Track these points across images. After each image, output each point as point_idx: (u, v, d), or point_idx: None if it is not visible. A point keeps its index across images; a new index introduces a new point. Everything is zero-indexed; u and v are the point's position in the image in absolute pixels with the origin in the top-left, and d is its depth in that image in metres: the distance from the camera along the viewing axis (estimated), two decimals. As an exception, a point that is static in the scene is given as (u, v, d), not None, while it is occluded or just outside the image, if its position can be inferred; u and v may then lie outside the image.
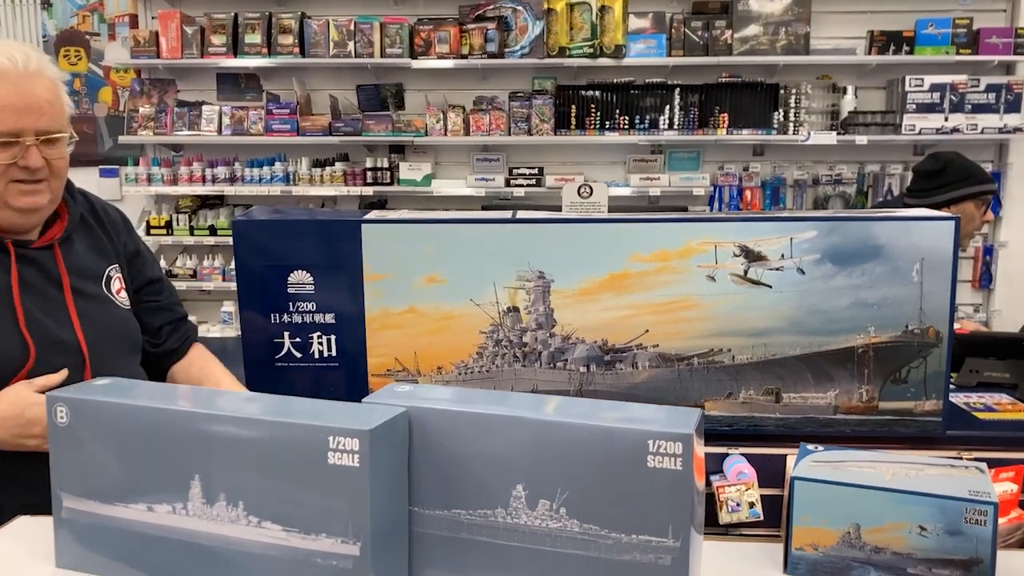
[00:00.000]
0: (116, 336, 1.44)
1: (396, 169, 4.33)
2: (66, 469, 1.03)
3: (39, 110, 1.28)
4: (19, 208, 1.32)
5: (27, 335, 1.31)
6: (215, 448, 0.95)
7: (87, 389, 1.04)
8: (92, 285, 1.44)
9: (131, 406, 0.99)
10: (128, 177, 4.29)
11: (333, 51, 4.22)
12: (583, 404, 0.98)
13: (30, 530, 1.13)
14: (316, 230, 1.70)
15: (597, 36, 4.15)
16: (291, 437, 0.92)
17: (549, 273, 1.66)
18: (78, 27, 4.58)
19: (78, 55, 4.60)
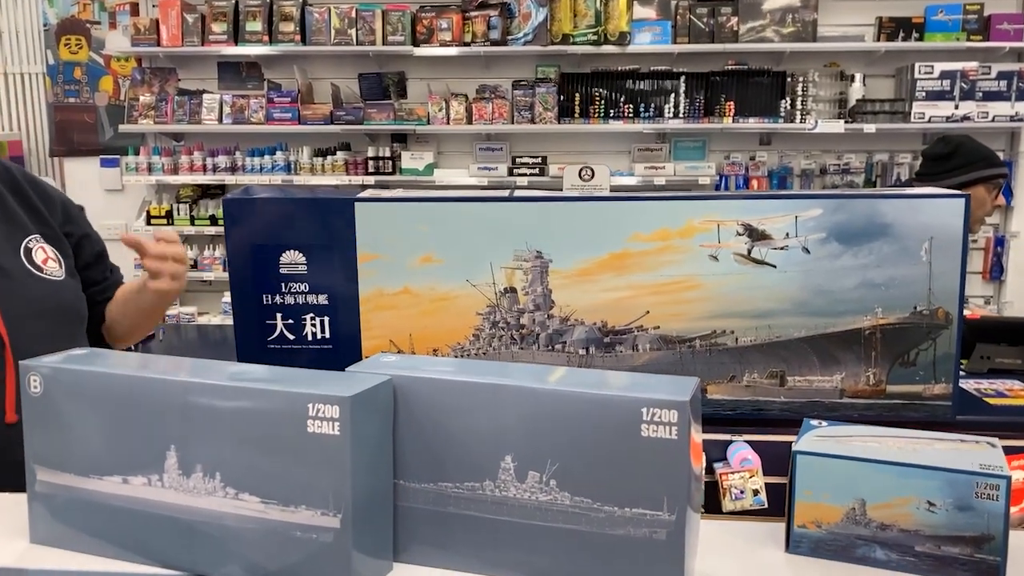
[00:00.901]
0: (42, 312, 1.32)
1: (398, 158, 4.29)
2: (40, 441, 1.00)
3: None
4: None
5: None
6: (191, 417, 0.91)
7: (62, 358, 1.01)
8: (9, 258, 1.32)
9: (106, 374, 0.96)
10: (129, 166, 4.27)
11: (335, 39, 4.18)
12: (576, 373, 0.94)
13: (5, 506, 1.09)
14: (308, 208, 1.66)
15: (601, 23, 4.10)
16: (269, 405, 0.88)
17: (547, 253, 1.62)
18: (79, 15, 4.56)
19: (79, 44, 4.57)
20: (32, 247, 1.35)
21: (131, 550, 0.97)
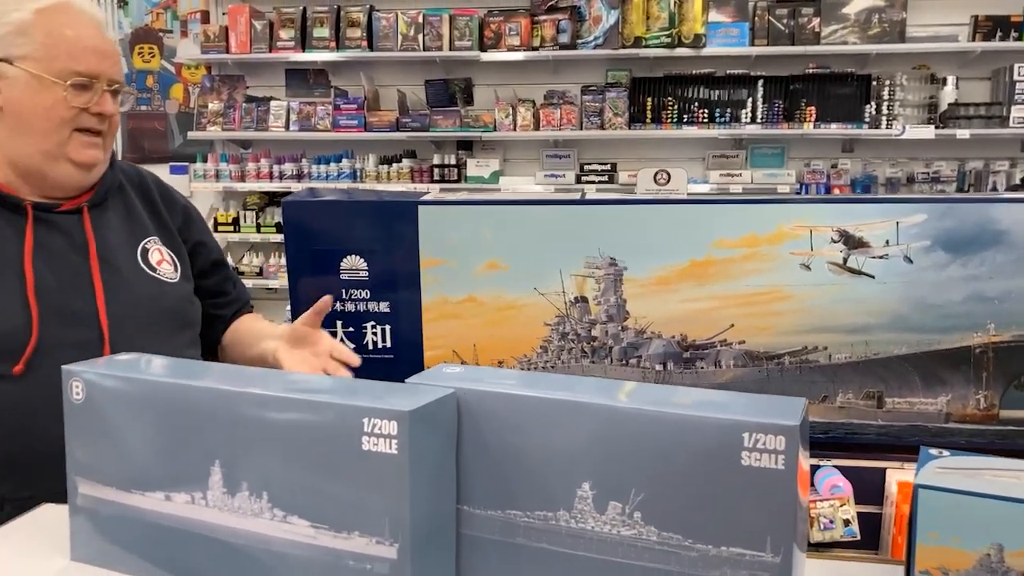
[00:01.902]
0: (149, 311, 1.32)
1: (463, 166, 4.24)
2: (82, 451, 0.94)
3: (112, 56, 1.28)
4: (79, 162, 1.26)
5: (33, 304, 1.21)
6: (238, 430, 0.83)
7: (106, 364, 0.94)
8: (124, 257, 1.33)
9: (149, 381, 0.89)
10: (197, 173, 4.31)
11: (402, 44, 4.16)
12: (663, 391, 0.83)
13: (53, 518, 1.03)
14: (370, 212, 1.60)
15: (675, 25, 3.98)
16: (320, 418, 0.79)
17: (621, 260, 1.51)
18: (152, 24, 4.65)
19: (151, 52, 4.66)
20: (149, 248, 1.38)
21: (174, 572, 0.89)
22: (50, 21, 1.22)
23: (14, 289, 1.20)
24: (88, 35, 1.24)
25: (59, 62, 1.21)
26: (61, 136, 1.24)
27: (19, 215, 1.24)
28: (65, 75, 1.22)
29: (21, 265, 1.22)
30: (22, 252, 1.22)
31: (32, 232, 1.24)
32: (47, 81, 1.21)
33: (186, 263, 1.43)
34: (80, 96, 1.23)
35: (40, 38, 1.21)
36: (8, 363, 1.18)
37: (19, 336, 1.19)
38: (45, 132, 1.24)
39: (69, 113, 1.23)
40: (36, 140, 1.24)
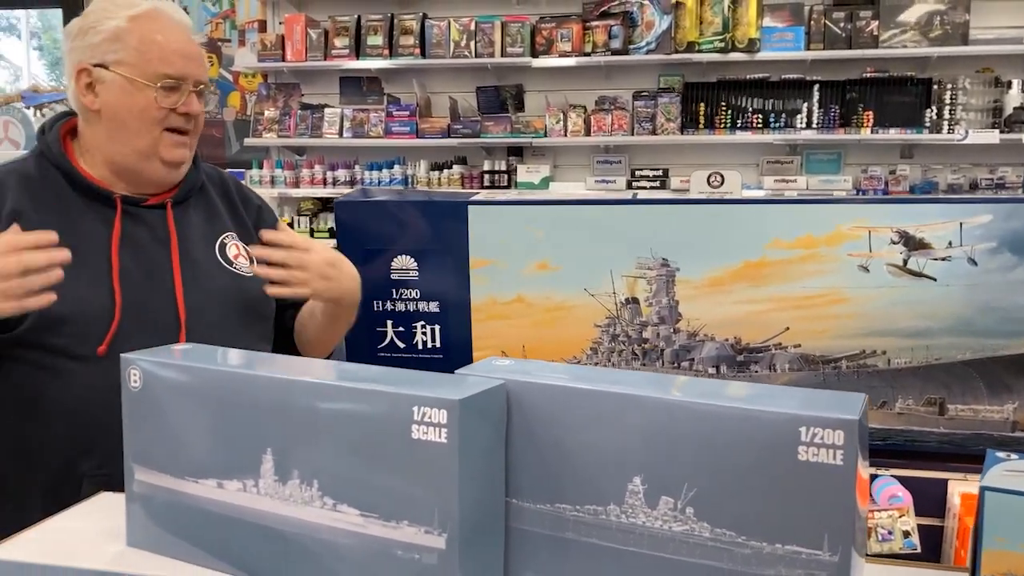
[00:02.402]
0: (224, 302, 1.38)
1: (514, 172, 4.24)
2: (138, 438, 0.95)
3: (198, 59, 1.34)
4: (168, 160, 1.33)
5: (117, 290, 1.27)
6: (289, 418, 0.84)
7: (163, 353, 0.96)
8: (203, 250, 1.40)
9: (203, 369, 0.90)
10: (252, 179, 4.39)
11: (454, 51, 4.19)
12: (716, 384, 0.81)
13: (111, 505, 1.05)
14: (420, 212, 1.61)
15: (729, 30, 3.94)
16: (370, 407, 0.79)
17: (674, 260, 1.49)
18: (211, 34, 4.76)
19: (210, 61, 4.77)
20: (227, 242, 1.44)
21: (225, 560, 0.90)
22: (142, 27, 1.29)
23: (101, 275, 1.27)
24: (176, 39, 1.31)
25: (151, 66, 1.28)
26: (153, 135, 1.31)
27: (109, 208, 1.32)
28: (156, 78, 1.28)
29: (108, 254, 1.29)
30: (110, 242, 1.30)
31: (120, 224, 1.31)
32: (140, 84, 1.28)
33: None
34: (169, 97, 1.29)
35: (133, 44, 1.29)
36: (92, 344, 1.24)
37: (104, 319, 1.25)
38: (139, 132, 1.31)
39: (159, 114, 1.30)
40: (131, 140, 1.31)
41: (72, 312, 1.23)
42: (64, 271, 1.24)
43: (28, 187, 1.30)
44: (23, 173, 1.32)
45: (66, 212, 1.30)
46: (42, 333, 1.23)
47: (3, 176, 1.30)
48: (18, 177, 1.31)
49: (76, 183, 1.32)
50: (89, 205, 1.32)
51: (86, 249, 1.27)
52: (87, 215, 1.31)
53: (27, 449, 1.25)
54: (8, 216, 1.25)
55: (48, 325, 1.23)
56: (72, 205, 1.31)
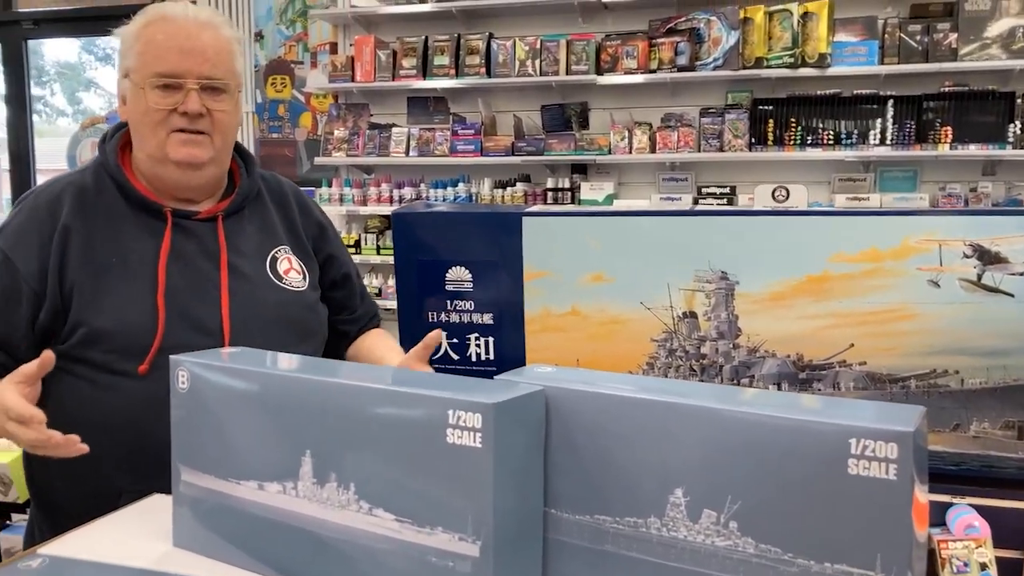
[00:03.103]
0: (270, 319, 1.35)
1: (577, 189, 4.22)
2: (184, 440, 0.97)
3: (202, 54, 1.26)
4: (178, 161, 1.28)
5: (161, 307, 1.26)
6: (327, 420, 0.84)
7: (210, 355, 0.97)
8: (253, 264, 1.37)
9: (245, 371, 0.91)
10: (322, 197, 4.48)
11: (519, 70, 4.21)
12: (762, 393, 0.78)
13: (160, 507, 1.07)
14: (475, 223, 1.60)
15: (798, 45, 3.85)
16: (405, 410, 0.79)
17: (733, 274, 1.45)
18: (285, 56, 4.90)
19: (283, 83, 4.90)
20: (278, 256, 1.40)
21: (265, 563, 0.90)
22: (146, 31, 1.28)
23: (146, 291, 1.26)
24: (177, 37, 1.26)
25: (148, 67, 1.26)
26: (159, 138, 1.27)
27: (160, 220, 1.31)
28: (152, 77, 1.25)
29: (155, 268, 1.27)
30: (157, 256, 1.28)
31: (169, 238, 1.30)
32: (140, 86, 1.27)
33: (315, 274, 1.46)
34: (168, 97, 1.25)
35: (138, 48, 1.27)
36: (134, 361, 1.23)
37: (146, 336, 1.24)
38: (146, 136, 1.29)
39: (159, 115, 1.26)
40: (143, 144, 1.30)
41: (116, 328, 1.23)
42: (111, 286, 1.26)
43: (83, 200, 1.30)
44: (80, 185, 1.32)
45: (117, 225, 1.29)
46: (87, 348, 1.23)
47: (61, 189, 1.31)
48: (74, 190, 1.31)
49: (129, 195, 1.31)
50: (140, 218, 1.31)
51: (135, 264, 1.27)
52: (138, 228, 1.30)
53: (68, 461, 1.22)
54: (60, 231, 1.26)
55: (93, 340, 1.23)
56: (124, 218, 1.30)
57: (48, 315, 1.24)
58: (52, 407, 1.24)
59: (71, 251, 1.26)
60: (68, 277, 1.25)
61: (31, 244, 1.25)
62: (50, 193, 1.31)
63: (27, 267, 1.24)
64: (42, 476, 1.29)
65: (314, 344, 1.43)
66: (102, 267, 1.26)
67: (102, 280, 1.26)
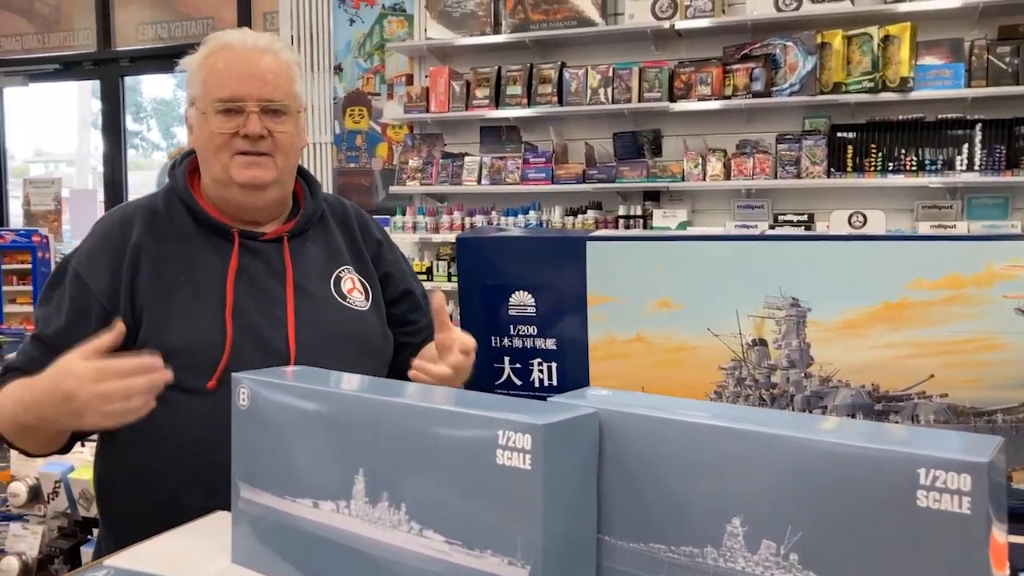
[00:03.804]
0: (335, 338, 1.37)
1: (650, 217, 4.19)
2: (244, 457, 0.98)
3: (261, 78, 1.30)
4: (242, 183, 1.32)
5: (229, 325, 1.28)
6: (379, 439, 0.84)
7: (272, 372, 0.99)
8: (318, 284, 1.39)
9: (301, 388, 0.92)
10: (396, 225, 4.56)
11: (590, 98, 4.21)
12: (825, 420, 0.74)
13: (223, 524, 1.09)
14: (539, 247, 1.59)
15: (879, 69, 3.75)
16: (456, 430, 0.78)
17: (805, 300, 1.40)
18: (362, 88, 5.03)
19: (361, 114, 5.03)
20: (342, 276, 1.43)
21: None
22: (208, 60, 1.32)
23: (215, 309, 1.29)
24: (238, 63, 1.30)
25: (210, 93, 1.30)
26: (223, 161, 1.31)
27: (227, 241, 1.34)
28: (213, 103, 1.30)
29: (223, 287, 1.30)
30: (226, 275, 1.31)
31: (236, 258, 1.33)
32: (203, 113, 1.31)
33: (378, 292, 1.48)
34: (229, 121, 1.29)
35: (201, 76, 1.32)
36: (203, 378, 1.25)
37: (215, 353, 1.26)
38: (211, 160, 1.33)
39: (221, 139, 1.30)
40: (209, 169, 1.34)
41: (185, 345, 1.25)
42: (179, 305, 1.28)
43: (153, 222, 1.34)
44: (151, 208, 1.36)
45: (186, 246, 1.33)
46: None
47: (133, 211, 1.36)
48: (145, 212, 1.35)
49: (198, 217, 1.35)
50: (209, 239, 1.34)
51: (203, 283, 1.30)
52: (206, 249, 1.33)
53: (138, 477, 1.27)
54: (132, 251, 1.30)
55: (163, 358, 1.23)
56: (193, 239, 1.34)
57: None
58: (125, 424, 1.29)
59: (142, 270, 1.30)
60: (139, 296, 1.28)
61: (103, 264, 1.30)
62: (123, 215, 1.36)
63: (99, 286, 1.28)
64: (111, 491, 1.33)
65: (378, 362, 1.44)
66: (171, 286, 1.30)
67: (171, 299, 1.29)
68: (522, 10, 4.40)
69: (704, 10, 4.06)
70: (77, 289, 1.29)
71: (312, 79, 5.08)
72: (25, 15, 6.14)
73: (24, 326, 2.98)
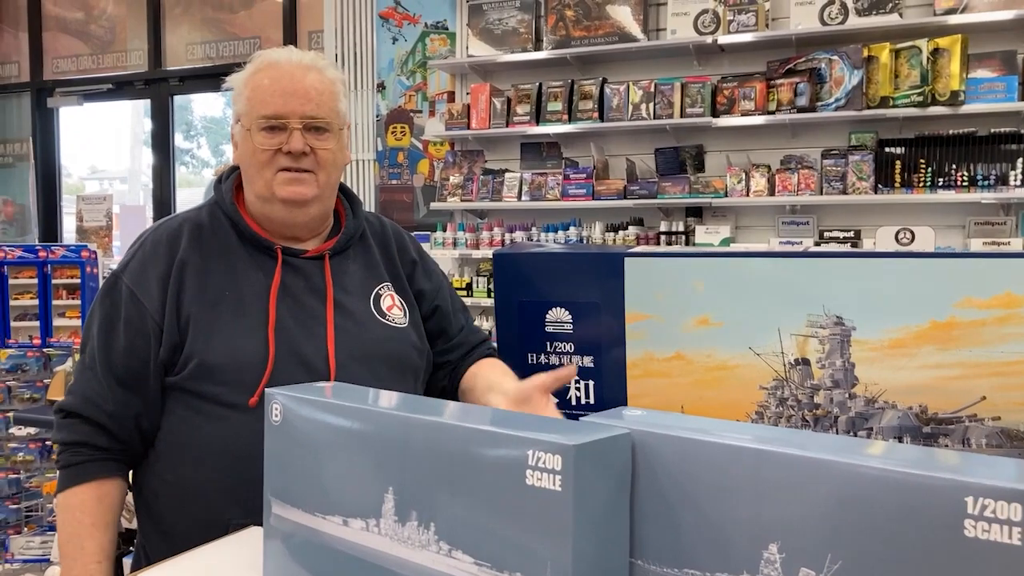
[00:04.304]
0: (374, 355, 1.37)
1: (692, 233, 4.14)
2: (276, 473, 0.98)
3: (304, 95, 1.31)
4: (284, 199, 1.33)
5: (271, 341, 1.29)
6: (409, 456, 0.83)
7: (305, 388, 0.99)
8: (358, 302, 1.40)
9: (332, 404, 0.91)
10: (436, 241, 4.58)
11: (632, 114, 4.19)
12: (873, 445, 0.71)
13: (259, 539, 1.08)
14: (576, 264, 1.57)
15: (928, 82, 3.67)
16: (486, 449, 0.76)
17: (849, 319, 1.36)
18: (404, 106, 5.08)
19: (403, 131, 5.07)
20: (382, 294, 1.43)
21: (348, 601, 0.89)
22: (254, 78, 1.34)
23: (258, 325, 1.29)
24: (282, 80, 1.31)
25: (254, 110, 1.31)
26: (266, 178, 1.32)
27: (271, 258, 1.35)
28: (257, 120, 1.31)
29: (266, 304, 1.31)
30: (268, 291, 1.32)
31: (279, 274, 1.34)
32: (247, 130, 1.33)
33: (415, 309, 1.48)
34: (272, 138, 1.31)
35: (247, 94, 1.33)
36: (244, 395, 1.26)
37: (257, 369, 1.26)
38: (254, 177, 1.34)
39: (265, 156, 1.31)
40: (252, 185, 1.35)
41: (228, 361, 1.26)
42: (223, 320, 1.29)
43: (199, 237, 1.35)
44: (196, 222, 1.37)
45: (230, 261, 1.34)
46: (200, 380, 1.26)
47: (179, 225, 1.37)
48: (191, 226, 1.36)
49: (242, 233, 1.36)
50: (252, 255, 1.35)
51: (247, 299, 1.31)
52: (250, 265, 1.34)
53: (180, 491, 1.28)
54: (178, 265, 1.31)
55: (206, 373, 1.26)
56: (237, 254, 1.35)
57: (167, 348, 1.28)
58: (167, 438, 1.29)
59: (187, 284, 1.31)
60: (184, 310, 1.29)
61: (152, 279, 1.31)
62: (169, 228, 1.37)
63: (151, 303, 1.30)
64: (152, 506, 1.33)
65: (416, 379, 1.44)
66: (215, 301, 1.30)
67: (215, 313, 1.30)
68: (563, 27, 4.40)
69: (748, 25, 4.02)
70: (133, 308, 1.30)
71: (355, 97, 5.14)
72: (81, 37, 6.33)
73: (72, 339, 3.05)
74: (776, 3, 4.13)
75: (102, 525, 1.25)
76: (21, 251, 2.97)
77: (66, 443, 1.28)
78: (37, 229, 6.30)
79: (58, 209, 6.52)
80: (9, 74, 6.47)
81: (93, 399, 1.28)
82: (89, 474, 1.26)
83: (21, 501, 2.96)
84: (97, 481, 1.26)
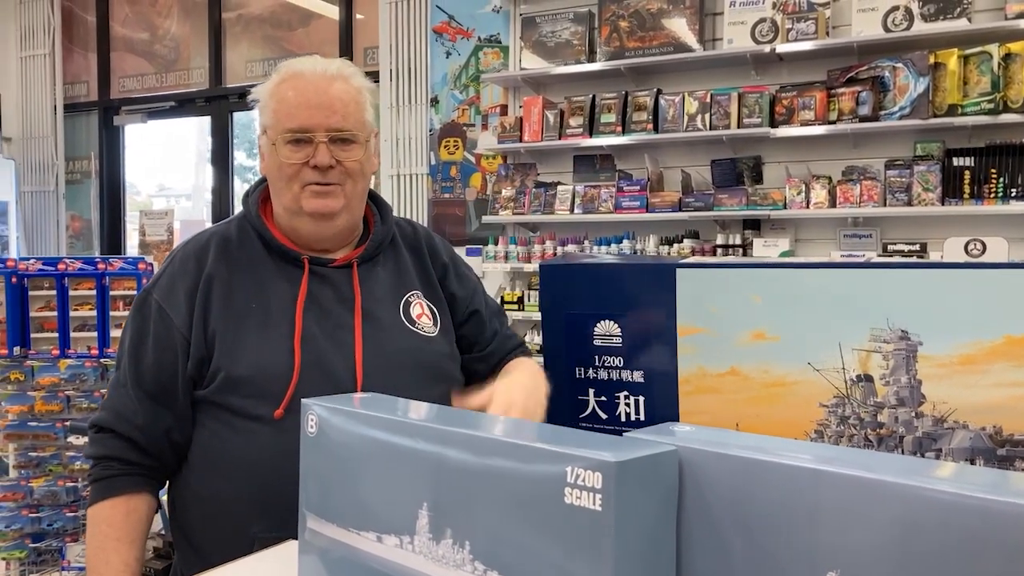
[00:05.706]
0: (402, 364, 1.35)
1: (749, 246, 4.04)
2: (311, 486, 0.95)
3: (330, 107, 1.30)
4: (311, 212, 1.32)
5: (297, 352, 1.28)
6: (443, 471, 0.79)
7: (342, 399, 0.96)
8: (387, 310, 1.38)
9: (367, 416, 0.89)
10: (488, 255, 4.56)
11: (687, 125, 4.13)
12: (943, 467, 0.66)
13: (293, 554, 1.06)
14: (625, 275, 1.53)
15: (999, 89, 3.53)
16: (524, 464, 0.73)
17: (915, 333, 1.29)
18: (457, 120, 5.09)
19: (456, 145, 5.09)
20: (411, 301, 1.42)
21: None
22: (279, 89, 1.32)
23: (284, 336, 1.29)
24: (307, 91, 1.30)
25: (280, 123, 1.30)
26: (293, 191, 1.32)
27: (297, 268, 1.35)
28: (283, 133, 1.30)
29: (293, 314, 1.30)
30: (295, 302, 1.31)
31: (306, 285, 1.33)
32: (272, 143, 1.32)
33: (446, 315, 1.46)
34: (298, 151, 1.30)
35: (272, 106, 1.32)
36: (270, 406, 1.25)
37: (283, 382, 1.26)
38: (281, 190, 1.33)
39: (291, 169, 1.30)
40: (280, 198, 1.35)
41: (254, 373, 1.26)
42: (249, 332, 1.28)
43: (226, 250, 1.35)
44: (224, 235, 1.37)
45: (258, 273, 1.34)
46: (227, 393, 1.26)
47: (207, 240, 1.37)
48: (219, 239, 1.36)
49: (269, 245, 1.35)
50: (279, 266, 1.35)
51: (273, 310, 1.30)
52: (277, 276, 1.34)
53: (208, 504, 1.28)
54: (205, 279, 1.31)
55: (232, 386, 1.26)
56: (264, 266, 1.34)
57: (194, 363, 1.29)
58: (199, 452, 1.29)
59: (214, 298, 1.31)
60: (211, 324, 1.29)
61: (180, 293, 1.31)
62: (197, 243, 1.38)
63: (179, 318, 1.30)
64: (183, 518, 1.33)
65: (446, 388, 1.41)
66: (242, 313, 1.30)
67: (241, 326, 1.29)
68: (617, 38, 4.36)
69: (807, 33, 3.93)
70: (161, 323, 1.31)
71: (409, 112, 5.18)
72: (146, 56, 6.52)
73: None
74: (837, 10, 4.03)
75: (128, 540, 1.24)
76: (81, 263, 3.05)
77: (97, 457, 1.29)
78: (99, 243, 6.49)
79: (122, 224, 6.71)
80: (79, 93, 6.70)
81: (124, 414, 1.28)
82: (118, 488, 1.26)
83: (78, 509, 3.01)
84: (125, 496, 1.26)
